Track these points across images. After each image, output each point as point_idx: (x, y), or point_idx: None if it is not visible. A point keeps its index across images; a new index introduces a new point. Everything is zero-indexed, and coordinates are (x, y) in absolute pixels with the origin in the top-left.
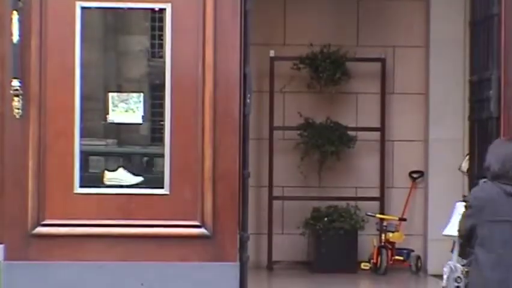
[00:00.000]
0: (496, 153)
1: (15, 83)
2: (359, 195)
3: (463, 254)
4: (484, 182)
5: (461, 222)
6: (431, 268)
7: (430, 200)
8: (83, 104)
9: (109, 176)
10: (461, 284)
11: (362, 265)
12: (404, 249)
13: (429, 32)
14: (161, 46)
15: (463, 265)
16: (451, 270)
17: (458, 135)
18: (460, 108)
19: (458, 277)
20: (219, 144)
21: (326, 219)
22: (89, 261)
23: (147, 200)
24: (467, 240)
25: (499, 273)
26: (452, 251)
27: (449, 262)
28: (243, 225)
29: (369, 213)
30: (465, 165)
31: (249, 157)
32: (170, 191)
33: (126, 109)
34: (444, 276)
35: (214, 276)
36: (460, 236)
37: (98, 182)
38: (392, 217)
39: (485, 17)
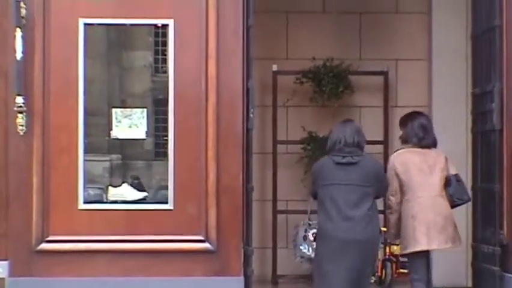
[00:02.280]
0: (332, 133)
1: (19, 99)
2: None
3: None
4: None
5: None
6: (435, 281)
7: None
8: (87, 119)
9: (113, 192)
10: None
11: None
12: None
13: (432, 45)
14: (165, 61)
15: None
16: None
17: (461, 148)
18: (462, 121)
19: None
20: (223, 158)
21: None
22: (94, 277)
23: (151, 215)
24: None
25: (331, 224)
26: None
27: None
28: (247, 240)
29: None
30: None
31: (252, 171)
32: (174, 206)
33: (130, 125)
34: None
35: None
36: (313, 197)
37: (102, 197)
38: None
39: (487, 30)
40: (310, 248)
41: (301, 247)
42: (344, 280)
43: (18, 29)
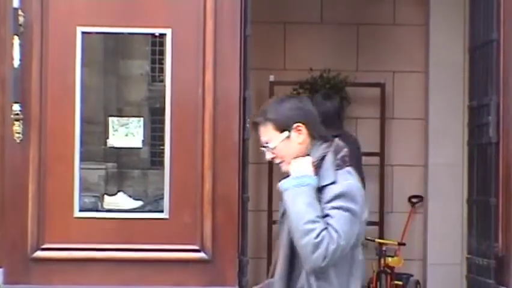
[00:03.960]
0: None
1: (16, 107)
2: None
3: None
4: None
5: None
6: None
7: (429, 225)
8: (84, 128)
9: (108, 201)
10: None
11: None
12: (404, 274)
13: (429, 57)
14: (162, 70)
15: None
16: None
17: (458, 160)
18: (459, 133)
19: None
20: (219, 168)
21: None
22: (89, 286)
23: (147, 224)
24: None
25: None
26: None
27: None
28: (242, 249)
29: (369, 238)
30: None
31: (248, 181)
32: (169, 215)
33: (126, 133)
34: None
35: None
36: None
37: (98, 206)
38: (391, 242)
39: (484, 43)
40: None
41: None
42: None
43: (16, 37)
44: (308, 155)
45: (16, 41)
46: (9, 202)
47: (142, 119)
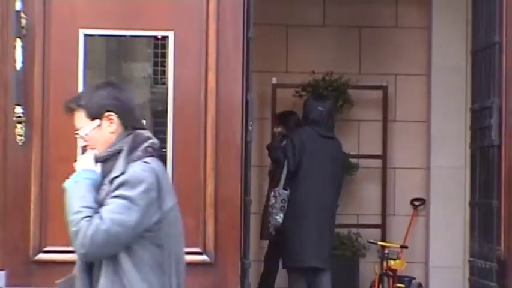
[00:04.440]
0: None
1: (18, 109)
2: (361, 222)
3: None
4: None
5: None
6: None
7: (432, 228)
8: None
9: None
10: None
11: None
12: (406, 276)
13: (431, 60)
14: (164, 73)
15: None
16: (279, 194)
17: (460, 163)
18: (461, 136)
19: (283, 199)
20: (221, 170)
21: None
22: None
23: None
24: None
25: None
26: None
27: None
28: (244, 252)
29: (371, 241)
30: None
31: (250, 184)
32: None
33: None
34: (273, 200)
35: None
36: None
37: None
38: (393, 244)
39: (486, 46)
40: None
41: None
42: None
43: (18, 39)
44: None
45: (18, 43)
46: (11, 204)
47: (144, 121)
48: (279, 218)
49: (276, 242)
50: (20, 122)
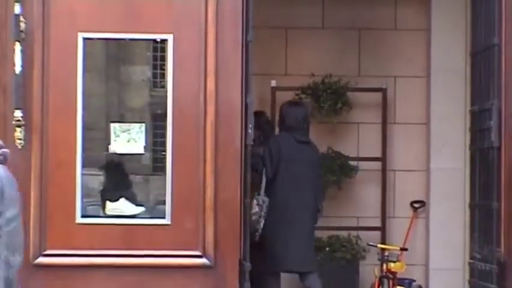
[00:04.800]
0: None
1: (18, 113)
2: (360, 224)
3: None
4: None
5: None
6: None
7: (432, 230)
8: (85, 134)
9: (110, 207)
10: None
11: None
12: (406, 279)
13: (431, 62)
14: (163, 76)
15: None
16: (262, 201)
17: (460, 165)
18: (461, 138)
19: (266, 205)
20: (220, 173)
21: (327, 249)
22: None
23: (148, 230)
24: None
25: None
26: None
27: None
28: (244, 255)
29: (371, 243)
30: None
31: (250, 187)
32: (171, 221)
33: (128, 139)
34: (257, 208)
35: None
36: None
37: (100, 212)
38: (393, 247)
39: (486, 47)
40: None
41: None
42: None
43: (17, 43)
44: None
45: (18, 47)
46: None
47: (143, 124)
48: (262, 224)
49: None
50: (19, 126)
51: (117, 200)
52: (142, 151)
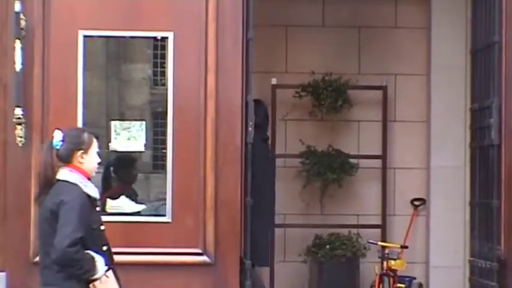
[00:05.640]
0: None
1: (18, 111)
2: (361, 222)
3: None
4: None
5: None
6: None
7: (432, 227)
8: None
9: (111, 204)
10: None
11: None
12: (406, 276)
13: (431, 60)
14: (164, 74)
15: None
16: None
17: (460, 163)
18: (461, 136)
19: None
20: (221, 172)
21: (327, 246)
22: None
23: (149, 228)
24: None
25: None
26: None
27: None
28: (244, 253)
29: (371, 241)
30: None
31: (250, 185)
32: (172, 218)
33: (128, 137)
34: None
35: None
36: None
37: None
38: (393, 245)
39: (486, 45)
40: None
41: None
42: None
43: (17, 41)
44: None
45: (18, 45)
46: (11, 206)
47: (144, 122)
48: None
49: None
50: (19, 124)
51: (118, 197)
52: (142, 149)
